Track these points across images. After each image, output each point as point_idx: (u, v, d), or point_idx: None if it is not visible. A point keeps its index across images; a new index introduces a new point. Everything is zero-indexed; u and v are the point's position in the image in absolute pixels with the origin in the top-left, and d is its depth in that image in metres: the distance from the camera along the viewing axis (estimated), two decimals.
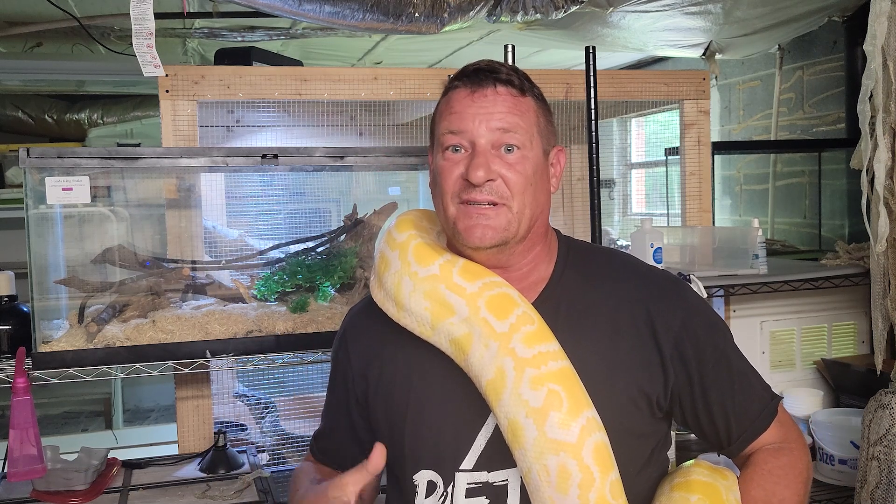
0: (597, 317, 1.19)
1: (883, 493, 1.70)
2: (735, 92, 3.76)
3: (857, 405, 2.22)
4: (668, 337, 1.17)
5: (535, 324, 1.12)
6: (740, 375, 1.21)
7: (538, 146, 1.19)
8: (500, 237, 1.15)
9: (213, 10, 3.07)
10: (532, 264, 1.23)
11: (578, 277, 1.23)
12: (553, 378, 1.07)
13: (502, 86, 1.16)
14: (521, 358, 1.08)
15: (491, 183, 1.14)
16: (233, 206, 2.21)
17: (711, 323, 1.23)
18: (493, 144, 1.15)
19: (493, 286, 1.15)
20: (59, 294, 1.87)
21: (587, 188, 2.09)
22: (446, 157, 1.17)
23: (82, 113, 4.72)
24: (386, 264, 1.23)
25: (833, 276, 2.26)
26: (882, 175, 1.71)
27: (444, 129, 1.17)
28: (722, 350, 1.21)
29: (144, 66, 1.76)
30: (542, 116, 1.21)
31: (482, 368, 1.11)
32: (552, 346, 1.10)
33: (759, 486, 1.17)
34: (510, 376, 1.08)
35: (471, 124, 1.15)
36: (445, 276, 1.16)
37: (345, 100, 2.29)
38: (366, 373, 1.26)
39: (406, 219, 1.28)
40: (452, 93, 1.19)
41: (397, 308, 1.20)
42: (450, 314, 1.14)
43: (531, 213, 1.17)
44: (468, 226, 1.15)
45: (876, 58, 1.70)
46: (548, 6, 2.34)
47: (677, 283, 1.26)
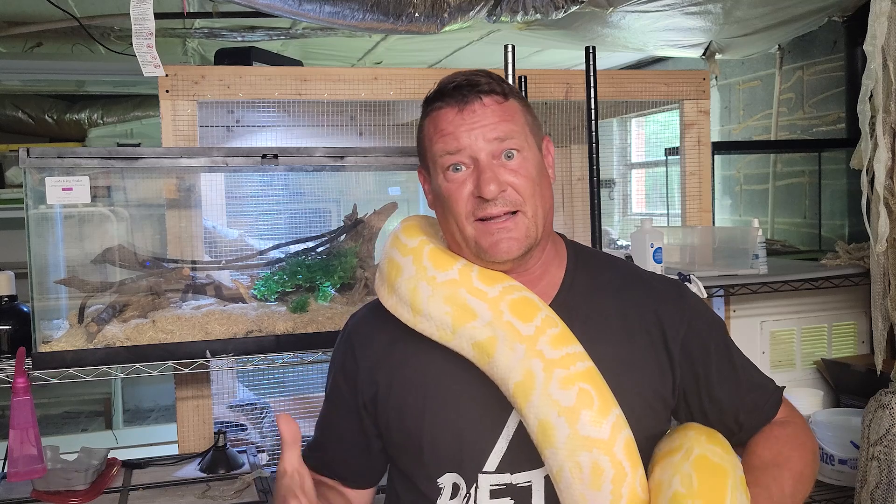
0: (609, 322, 1.22)
1: (883, 493, 1.70)
2: (735, 92, 3.76)
3: (857, 405, 2.22)
4: (677, 339, 1.22)
5: (558, 326, 1.14)
6: (743, 369, 1.27)
7: (533, 144, 1.20)
8: (525, 245, 1.17)
9: (213, 10, 3.07)
10: (543, 266, 1.24)
11: (589, 283, 1.26)
12: (582, 378, 1.09)
13: (487, 96, 1.17)
14: (549, 359, 1.10)
15: (503, 194, 1.15)
16: (233, 206, 2.21)
17: (712, 322, 1.28)
18: (493, 155, 1.16)
19: (514, 290, 1.17)
20: (59, 294, 1.87)
21: (587, 188, 2.09)
22: (449, 179, 1.17)
23: (82, 113, 4.71)
24: (398, 270, 1.22)
25: (833, 276, 2.26)
26: (882, 175, 1.71)
27: (440, 152, 1.17)
28: (724, 347, 1.26)
29: (144, 66, 1.76)
30: (528, 114, 1.22)
31: (509, 371, 1.12)
32: (577, 347, 1.13)
33: (766, 447, 1.22)
34: (539, 377, 1.09)
35: (467, 141, 1.15)
36: (465, 280, 1.17)
37: (345, 100, 2.29)
38: (376, 378, 1.25)
39: (412, 224, 1.28)
40: (438, 114, 1.18)
41: (413, 313, 1.20)
42: (472, 318, 1.15)
43: (543, 212, 1.19)
44: (492, 242, 1.16)
45: (876, 58, 1.70)
46: (548, 6, 2.34)
47: (679, 287, 1.30)
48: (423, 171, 1.25)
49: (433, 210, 1.26)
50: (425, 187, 1.26)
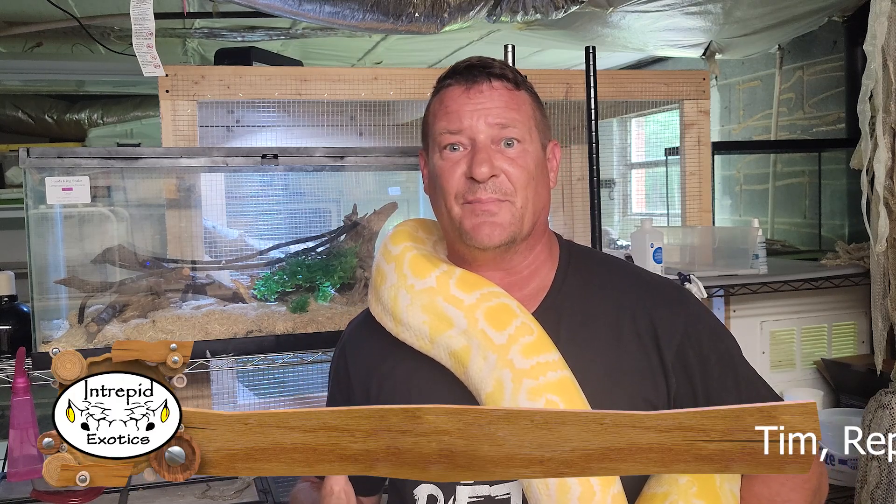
0: (599, 325, 1.16)
1: (883, 493, 1.70)
2: (735, 92, 3.76)
3: (857, 405, 2.22)
4: (671, 345, 1.14)
5: (534, 334, 1.09)
6: (747, 384, 1.17)
7: (536, 140, 1.17)
8: (508, 234, 1.13)
9: (213, 10, 3.07)
10: (532, 267, 1.20)
11: (580, 285, 1.20)
12: (551, 389, 1.05)
13: (497, 80, 1.14)
14: (518, 369, 1.06)
15: (494, 179, 1.12)
16: (233, 206, 2.21)
17: (715, 331, 1.19)
18: (492, 140, 1.13)
19: (492, 297, 1.12)
20: (59, 294, 1.87)
21: (587, 188, 2.09)
22: (445, 157, 1.15)
23: (82, 113, 4.72)
24: (382, 277, 1.20)
25: (833, 276, 2.26)
26: (882, 175, 1.71)
27: (441, 129, 1.15)
28: (727, 359, 1.17)
29: (144, 66, 1.76)
30: (538, 110, 1.19)
31: (481, 381, 1.09)
32: (552, 356, 1.08)
33: (764, 483, 1.13)
34: (508, 388, 1.06)
35: (469, 121, 1.12)
36: (442, 287, 1.13)
37: (345, 100, 2.29)
38: (367, 387, 1.23)
39: (401, 230, 1.25)
40: (445, 91, 1.16)
41: (395, 322, 1.17)
42: (448, 327, 1.12)
43: (534, 208, 1.15)
44: (475, 224, 1.12)
45: (876, 58, 1.70)
46: (548, 6, 2.34)
47: (680, 291, 1.23)
48: (423, 152, 1.22)
49: (428, 195, 1.22)
50: (423, 172, 1.23)
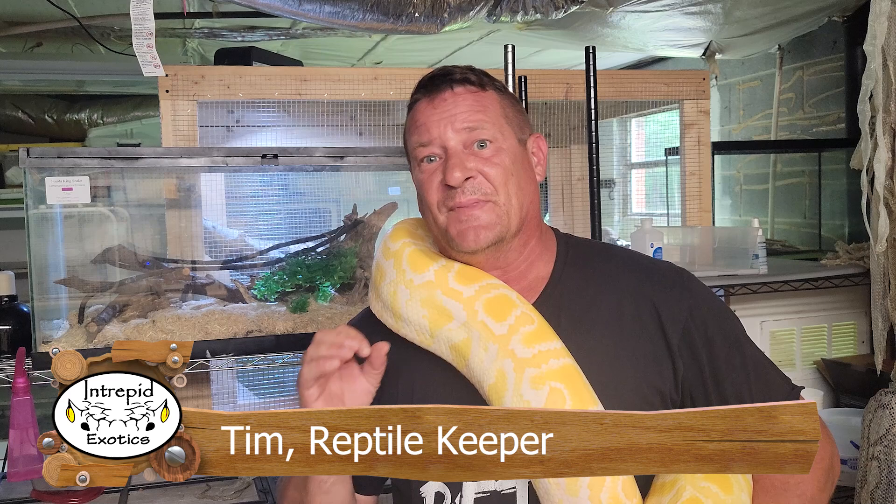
0: (600, 313, 1.16)
1: (883, 493, 1.70)
2: (735, 92, 3.76)
3: (857, 405, 2.23)
4: (676, 328, 1.13)
5: (534, 323, 1.09)
6: (755, 365, 1.16)
7: (510, 136, 1.17)
8: (495, 234, 1.13)
9: (213, 10, 3.07)
10: (528, 262, 1.20)
11: (579, 274, 1.20)
12: (554, 376, 1.05)
13: (459, 85, 1.16)
14: (520, 358, 1.06)
15: (471, 181, 1.12)
16: (233, 206, 2.21)
17: (720, 312, 1.18)
18: (464, 144, 1.14)
19: (491, 288, 1.13)
20: (59, 294, 1.87)
21: (587, 188, 2.09)
22: (423, 170, 1.16)
23: (82, 113, 4.72)
24: (382, 274, 1.21)
25: (833, 276, 2.26)
26: (882, 175, 1.71)
27: (414, 143, 1.17)
28: (733, 339, 1.16)
29: (144, 66, 1.76)
30: (508, 107, 1.19)
31: (483, 373, 1.09)
32: (553, 344, 1.08)
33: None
34: (510, 378, 1.06)
35: (437, 130, 1.14)
36: (441, 281, 1.14)
37: (345, 100, 2.29)
38: None
39: (401, 227, 1.26)
40: (415, 106, 1.19)
41: (395, 318, 1.18)
42: (448, 320, 1.12)
43: (519, 203, 1.15)
44: (460, 230, 1.13)
45: (876, 58, 1.70)
46: (548, 6, 2.34)
47: (681, 273, 1.22)
48: (409, 167, 1.24)
49: (419, 206, 1.23)
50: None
